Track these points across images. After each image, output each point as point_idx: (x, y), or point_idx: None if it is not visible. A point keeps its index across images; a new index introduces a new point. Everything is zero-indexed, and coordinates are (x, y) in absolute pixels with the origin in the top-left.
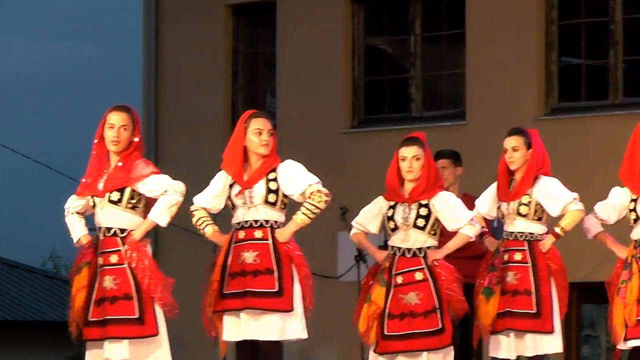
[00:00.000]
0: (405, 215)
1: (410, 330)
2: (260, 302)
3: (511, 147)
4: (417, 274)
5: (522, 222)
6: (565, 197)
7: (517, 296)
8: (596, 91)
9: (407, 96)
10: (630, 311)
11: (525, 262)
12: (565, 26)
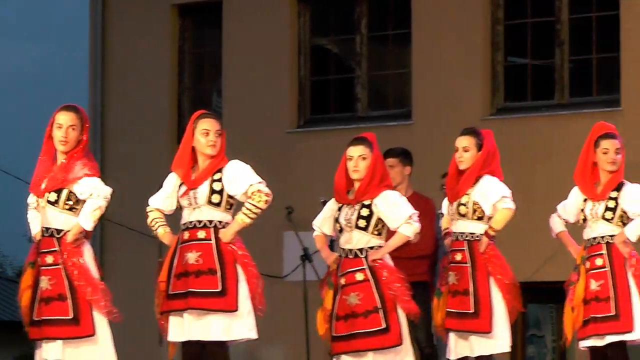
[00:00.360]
0: (347, 216)
1: (353, 330)
2: (203, 303)
3: (462, 146)
4: (358, 274)
5: (462, 223)
6: (495, 196)
7: (457, 296)
8: (542, 91)
9: (353, 96)
10: (577, 313)
11: (464, 263)
12: (511, 26)
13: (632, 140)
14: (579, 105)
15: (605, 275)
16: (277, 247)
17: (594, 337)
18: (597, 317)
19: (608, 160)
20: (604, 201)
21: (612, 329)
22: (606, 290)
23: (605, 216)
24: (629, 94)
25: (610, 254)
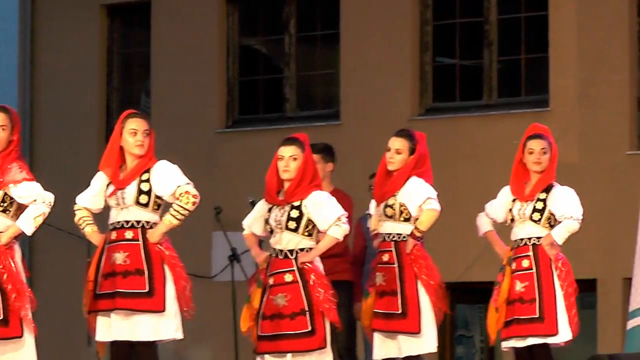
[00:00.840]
0: (277, 218)
1: (279, 331)
2: (130, 303)
3: (395, 148)
4: (287, 275)
5: (389, 224)
6: (420, 197)
7: (384, 297)
8: (470, 91)
9: (281, 96)
10: (500, 313)
11: (392, 263)
12: (440, 26)
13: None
14: (508, 105)
15: (530, 277)
16: (205, 247)
17: (515, 338)
18: (521, 319)
19: (533, 160)
20: (532, 202)
21: (536, 331)
22: (531, 292)
23: (532, 217)
24: (557, 94)
25: (536, 256)
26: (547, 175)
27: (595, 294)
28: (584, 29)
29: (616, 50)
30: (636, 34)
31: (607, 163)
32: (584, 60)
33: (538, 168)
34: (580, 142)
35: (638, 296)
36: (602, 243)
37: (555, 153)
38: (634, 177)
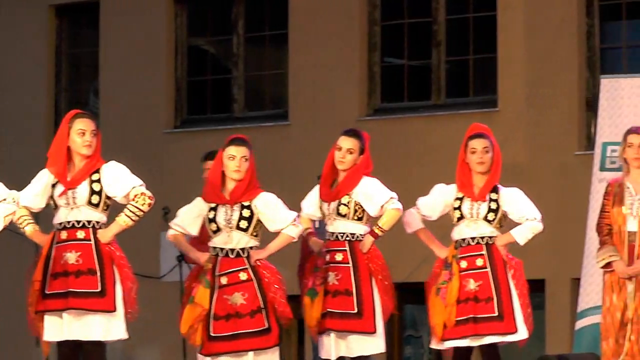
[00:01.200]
0: (227, 217)
1: (237, 330)
2: (83, 303)
3: (347, 148)
4: (242, 274)
5: (342, 223)
6: (383, 197)
7: (338, 296)
8: (419, 92)
9: (229, 96)
10: (450, 312)
11: (346, 263)
12: (388, 26)
13: (509, 141)
14: (456, 106)
15: (485, 276)
16: (154, 247)
17: (471, 337)
18: (478, 317)
19: (476, 160)
20: (485, 202)
21: (495, 330)
22: (487, 291)
23: (487, 217)
24: (506, 94)
25: (490, 255)
26: (495, 175)
27: (543, 295)
28: (532, 30)
29: (565, 51)
30: (585, 34)
31: (556, 163)
32: (532, 61)
33: (481, 168)
34: (529, 143)
35: (587, 296)
36: (550, 243)
37: (498, 152)
38: (582, 177)
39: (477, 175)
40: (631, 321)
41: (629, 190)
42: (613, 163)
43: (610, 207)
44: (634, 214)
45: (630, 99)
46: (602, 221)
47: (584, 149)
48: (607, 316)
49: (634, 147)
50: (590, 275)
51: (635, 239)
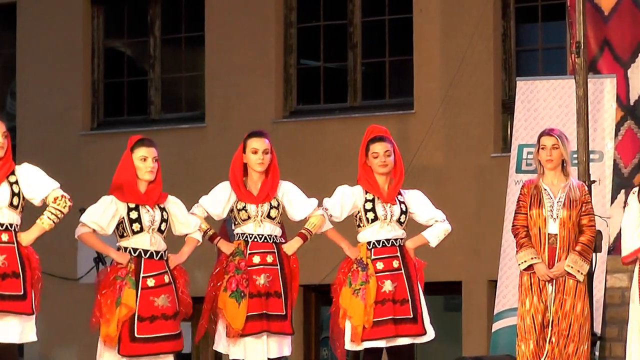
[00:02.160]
0: (151, 218)
1: (161, 333)
2: (7, 305)
3: (263, 149)
4: (166, 276)
5: (270, 225)
6: (310, 202)
7: (270, 298)
8: (335, 94)
9: (146, 98)
10: (368, 313)
11: (275, 265)
12: (304, 29)
13: (425, 143)
14: (372, 108)
15: (401, 278)
16: (71, 249)
17: (387, 338)
18: (396, 319)
19: (379, 163)
20: (396, 204)
21: (410, 331)
22: (403, 293)
23: (400, 219)
24: (422, 97)
25: (404, 257)
26: (400, 177)
27: (460, 297)
28: (448, 32)
29: (480, 53)
30: (500, 36)
31: (472, 165)
32: (448, 63)
33: (385, 170)
34: (445, 145)
35: (503, 298)
36: (467, 245)
37: (399, 154)
38: (498, 179)
39: (380, 177)
40: (551, 323)
41: (547, 192)
42: (529, 165)
43: (527, 208)
44: (554, 216)
45: (545, 101)
46: (518, 223)
47: (500, 151)
48: (527, 318)
49: (546, 149)
50: (507, 277)
51: (555, 241)
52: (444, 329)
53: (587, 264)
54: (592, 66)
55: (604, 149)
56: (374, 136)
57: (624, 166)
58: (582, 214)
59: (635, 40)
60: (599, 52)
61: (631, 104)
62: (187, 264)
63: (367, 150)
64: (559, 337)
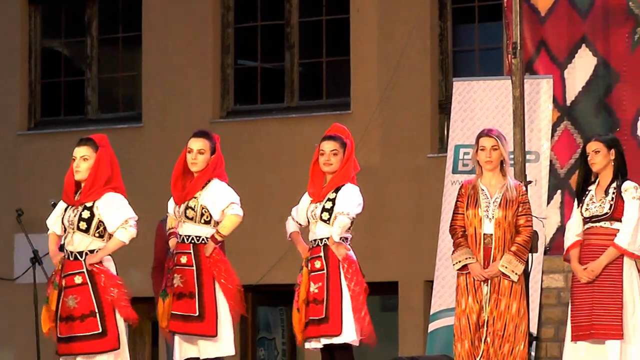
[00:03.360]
0: (70, 218)
1: (72, 333)
2: None
3: (198, 149)
4: (77, 277)
5: (189, 225)
6: (224, 201)
7: (182, 299)
8: (272, 94)
9: (83, 98)
10: (301, 314)
11: (190, 265)
12: (241, 29)
13: (362, 144)
14: (309, 108)
15: (322, 278)
16: (7, 249)
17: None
18: (314, 320)
19: (323, 162)
20: (322, 202)
21: (323, 332)
22: (322, 293)
23: (322, 217)
24: (359, 97)
25: (327, 256)
26: (338, 176)
27: (396, 297)
28: (385, 32)
29: (417, 53)
30: (437, 36)
31: (409, 166)
32: (385, 63)
33: (328, 169)
34: (382, 145)
35: (439, 298)
36: (403, 246)
37: (349, 153)
38: (435, 179)
39: (327, 175)
40: (486, 323)
41: (484, 192)
42: (465, 165)
43: (464, 209)
44: (490, 216)
45: (482, 102)
46: (455, 223)
47: (437, 152)
48: (463, 318)
49: (486, 150)
50: (443, 277)
51: (491, 241)
52: (380, 329)
53: (522, 264)
54: (529, 67)
55: (540, 149)
56: (325, 135)
57: (560, 167)
58: (518, 214)
59: (572, 41)
60: (536, 52)
61: (567, 104)
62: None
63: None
64: (494, 337)
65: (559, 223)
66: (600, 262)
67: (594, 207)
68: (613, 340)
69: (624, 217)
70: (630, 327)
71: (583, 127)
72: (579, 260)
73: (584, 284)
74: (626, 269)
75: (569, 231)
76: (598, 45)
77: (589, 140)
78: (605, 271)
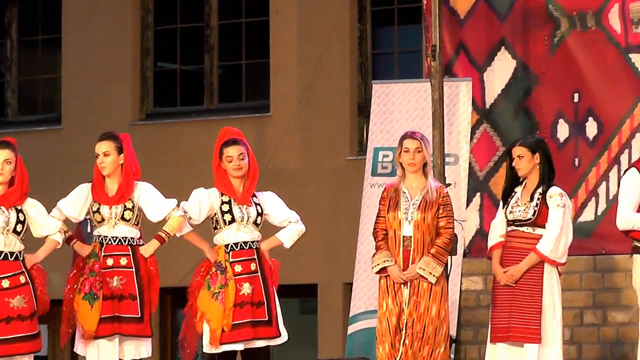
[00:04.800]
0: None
1: (14, 334)
2: None
3: (102, 152)
4: (21, 277)
5: (125, 227)
6: (169, 203)
7: (124, 301)
8: (191, 96)
9: (2, 101)
10: (227, 316)
11: (129, 267)
12: (161, 31)
13: (281, 146)
14: (229, 110)
15: (257, 280)
16: None
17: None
18: (254, 322)
19: (233, 167)
20: (252, 206)
21: (266, 334)
22: (259, 295)
23: (256, 221)
24: (278, 100)
25: (260, 259)
26: (254, 179)
27: (316, 299)
28: (305, 35)
29: (337, 56)
30: (357, 39)
31: (328, 168)
32: (305, 66)
33: (239, 173)
34: (301, 148)
35: (359, 301)
36: (322, 248)
37: (252, 155)
38: (354, 182)
39: (235, 179)
40: (406, 326)
41: (405, 195)
42: (385, 168)
43: (385, 211)
44: (409, 218)
45: (401, 104)
46: (377, 226)
47: (356, 154)
48: (383, 321)
49: (409, 152)
50: (362, 280)
51: (410, 243)
52: (299, 332)
53: (440, 266)
54: (448, 69)
55: (460, 152)
56: (227, 139)
57: (479, 169)
58: (439, 216)
59: (491, 44)
60: (455, 55)
61: (487, 107)
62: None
63: (221, 153)
64: (413, 339)
65: (478, 226)
66: (520, 267)
67: (518, 211)
68: (531, 344)
69: (547, 224)
70: (550, 331)
71: (502, 129)
72: (500, 261)
73: (504, 286)
74: (546, 274)
75: (493, 231)
76: (517, 48)
77: (514, 145)
78: (526, 275)
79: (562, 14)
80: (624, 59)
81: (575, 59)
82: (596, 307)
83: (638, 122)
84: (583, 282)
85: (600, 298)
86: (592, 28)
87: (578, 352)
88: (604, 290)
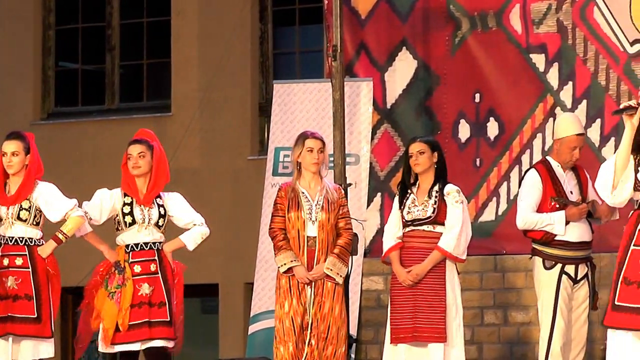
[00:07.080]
0: None
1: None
2: None
3: (11, 151)
4: None
5: (21, 227)
6: (67, 203)
7: (18, 301)
8: (93, 96)
9: None
10: (124, 316)
11: (25, 267)
12: (62, 31)
13: (182, 146)
14: (130, 110)
15: (158, 281)
16: None
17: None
18: (151, 322)
19: (131, 165)
20: (154, 208)
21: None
22: (160, 296)
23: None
24: (179, 99)
25: (161, 260)
26: (157, 180)
27: (217, 299)
28: (206, 35)
29: (238, 56)
30: (258, 39)
31: (229, 168)
32: (205, 66)
33: (137, 172)
34: (202, 147)
35: (259, 301)
36: (223, 248)
37: (159, 157)
38: (255, 182)
39: (138, 179)
40: (310, 326)
41: (305, 195)
42: (286, 168)
43: (284, 211)
44: (313, 218)
45: (302, 104)
46: (275, 225)
47: (257, 154)
48: (286, 320)
49: (314, 152)
50: (263, 279)
51: (314, 243)
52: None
53: (345, 266)
54: (349, 70)
55: (360, 152)
56: (132, 139)
57: (380, 169)
58: (339, 216)
59: (392, 44)
60: (356, 55)
61: (388, 107)
62: None
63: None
64: (318, 339)
65: (379, 225)
66: (424, 265)
67: (416, 211)
68: (436, 343)
69: (447, 221)
70: (453, 330)
71: (403, 130)
72: (401, 262)
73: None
74: (448, 272)
75: (388, 233)
76: (418, 49)
77: (413, 141)
78: (428, 274)
79: (463, 14)
80: (525, 59)
81: (477, 59)
82: (497, 307)
83: (539, 122)
84: (483, 282)
85: (501, 298)
86: (493, 28)
87: (479, 351)
88: (504, 290)
